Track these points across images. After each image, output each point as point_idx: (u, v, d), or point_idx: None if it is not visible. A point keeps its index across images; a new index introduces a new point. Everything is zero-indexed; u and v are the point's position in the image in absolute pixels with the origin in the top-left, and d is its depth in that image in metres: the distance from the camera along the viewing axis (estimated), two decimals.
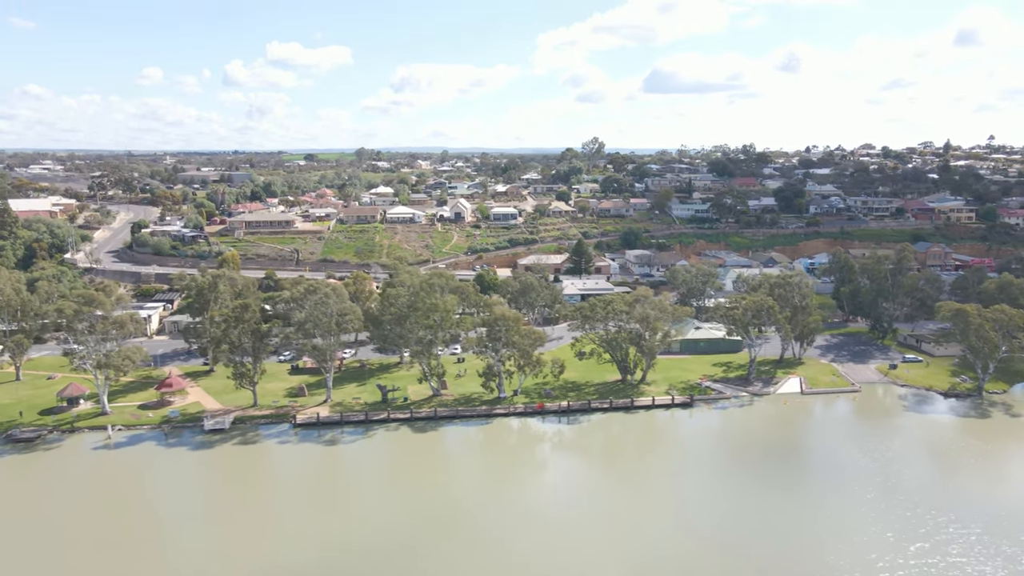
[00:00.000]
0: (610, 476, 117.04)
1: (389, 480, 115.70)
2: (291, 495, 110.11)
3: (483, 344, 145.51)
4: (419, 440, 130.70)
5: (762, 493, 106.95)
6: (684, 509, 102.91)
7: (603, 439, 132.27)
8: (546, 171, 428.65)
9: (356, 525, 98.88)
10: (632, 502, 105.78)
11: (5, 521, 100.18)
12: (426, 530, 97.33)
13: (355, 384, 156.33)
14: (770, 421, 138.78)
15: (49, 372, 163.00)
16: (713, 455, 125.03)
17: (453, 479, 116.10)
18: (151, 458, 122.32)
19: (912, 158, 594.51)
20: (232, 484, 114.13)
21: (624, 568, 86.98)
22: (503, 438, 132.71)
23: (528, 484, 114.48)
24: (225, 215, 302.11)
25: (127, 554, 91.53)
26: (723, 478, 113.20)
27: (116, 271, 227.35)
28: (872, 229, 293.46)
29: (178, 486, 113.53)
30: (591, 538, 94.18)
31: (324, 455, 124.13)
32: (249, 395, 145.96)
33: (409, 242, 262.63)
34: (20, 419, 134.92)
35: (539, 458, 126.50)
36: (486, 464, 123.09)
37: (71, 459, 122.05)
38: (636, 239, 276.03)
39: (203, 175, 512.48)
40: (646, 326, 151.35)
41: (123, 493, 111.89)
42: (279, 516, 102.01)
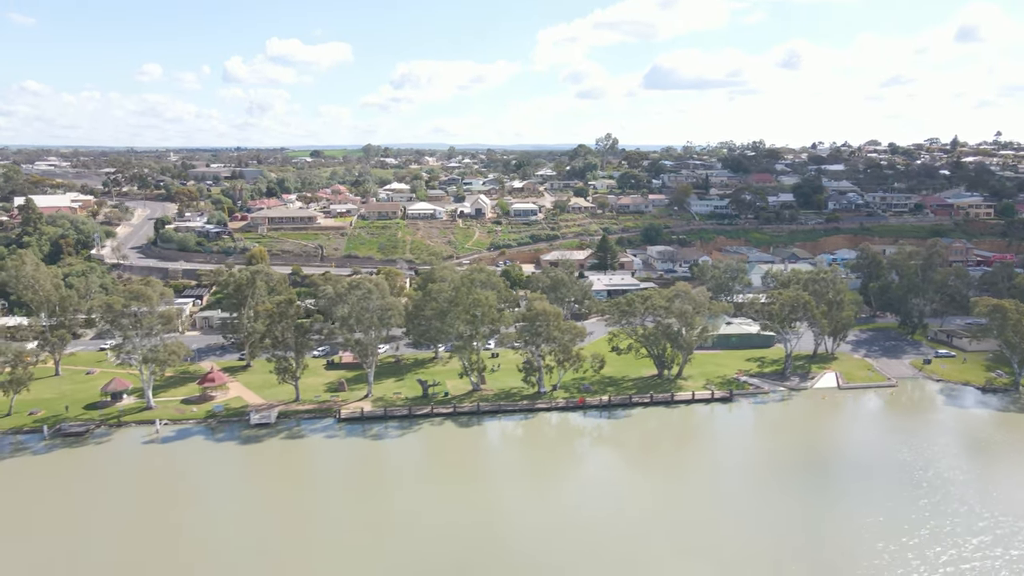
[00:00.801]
0: (657, 471, 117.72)
1: (437, 474, 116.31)
2: (341, 489, 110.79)
3: (523, 339, 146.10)
4: (464, 434, 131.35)
5: (811, 488, 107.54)
6: (733, 505, 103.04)
7: (647, 434, 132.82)
8: (560, 167, 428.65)
9: (404, 519, 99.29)
10: (680, 497, 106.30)
11: (63, 514, 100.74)
12: (474, 525, 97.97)
13: (393, 379, 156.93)
14: (811, 416, 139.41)
15: (86, 367, 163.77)
16: (759, 450, 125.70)
17: (500, 473, 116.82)
18: (201, 452, 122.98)
19: (920, 154, 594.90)
20: (282, 478, 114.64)
21: (680, 563, 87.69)
22: (547, 433, 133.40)
23: (575, 478, 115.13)
24: (243, 211, 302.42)
25: (184, 546, 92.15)
26: (771, 473, 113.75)
27: (143, 267, 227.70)
28: (891, 225, 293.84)
29: (230, 480, 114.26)
30: (640, 535, 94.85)
31: (371, 449, 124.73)
32: (289, 390, 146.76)
33: (431, 238, 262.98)
34: (66, 413, 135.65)
35: (585, 453, 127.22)
36: (532, 459, 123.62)
37: (122, 453, 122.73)
38: (657, 235, 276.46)
39: (214, 171, 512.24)
40: (684, 321, 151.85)
41: (176, 487, 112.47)
42: (329, 509, 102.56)
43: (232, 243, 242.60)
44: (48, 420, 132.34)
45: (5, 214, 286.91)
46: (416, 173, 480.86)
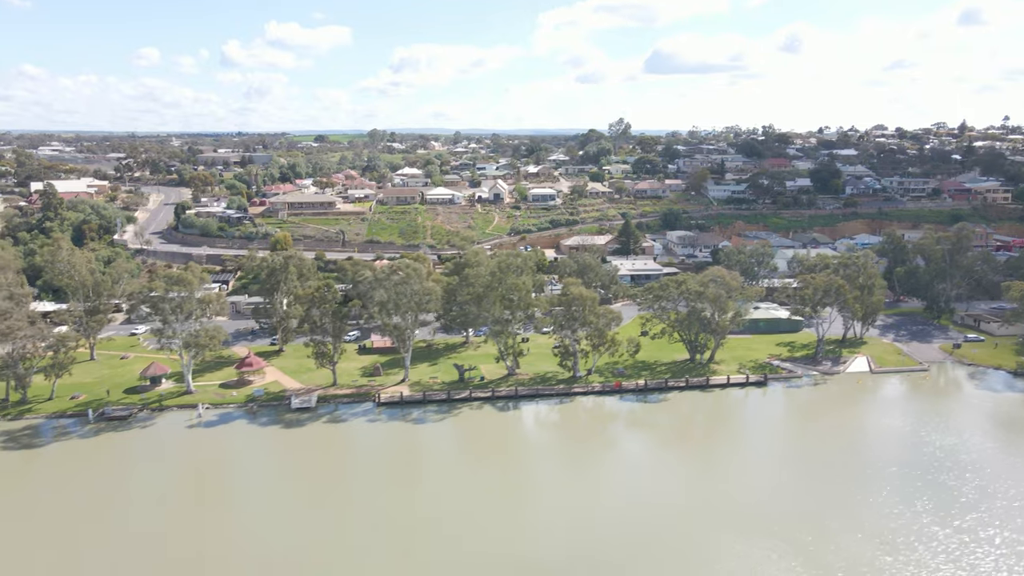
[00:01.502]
0: (701, 455, 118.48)
1: (480, 459, 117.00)
2: (385, 473, 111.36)
3: (559, 323, 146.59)
4: (504, 419, 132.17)
5: (855, 471, 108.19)
6: (777, 489, 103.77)
7: (686, 418, 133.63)
8: (572, 152, 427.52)
9: (448, 504, 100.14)
10: (725, 481, 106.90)
11: (117, 497, 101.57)
12: (522, 507, 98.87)
13: (427, 363, 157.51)
14: (848, 400, 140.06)
15: (120, 352, 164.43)
16: (800, 434, 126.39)
17: (541, 458, 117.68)
18: (245, 436, 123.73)
19: (929, 139, 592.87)
20: (327, 462, 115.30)
21: (730, 547, 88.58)
22: (586, 417, 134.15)
23: (618, 463, 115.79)
24: (260, 196, 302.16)
25: (235, 529, 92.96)
26: (814, 457, 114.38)
27: (166, 252, 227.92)
28: (909, 210, 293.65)
29: (277, 463, 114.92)
30: (689, 521, 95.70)
31: (412, 433, 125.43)
32: (324, 374, 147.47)
33: (451, 223, 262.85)
34: (108, 397, 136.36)
35: (626, 437, 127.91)
36: (573, 444, 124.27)
37: (168, 437, 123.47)
38: (676, 220, 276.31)
39: (223, 157, 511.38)
40: (717, 306, 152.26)
41: (224, 470, 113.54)
42: (373, 494, 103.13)
43: (254, 228, 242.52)
44: (91, 404, 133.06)
45: (23, 199, 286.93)
46: (425, 158, 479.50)
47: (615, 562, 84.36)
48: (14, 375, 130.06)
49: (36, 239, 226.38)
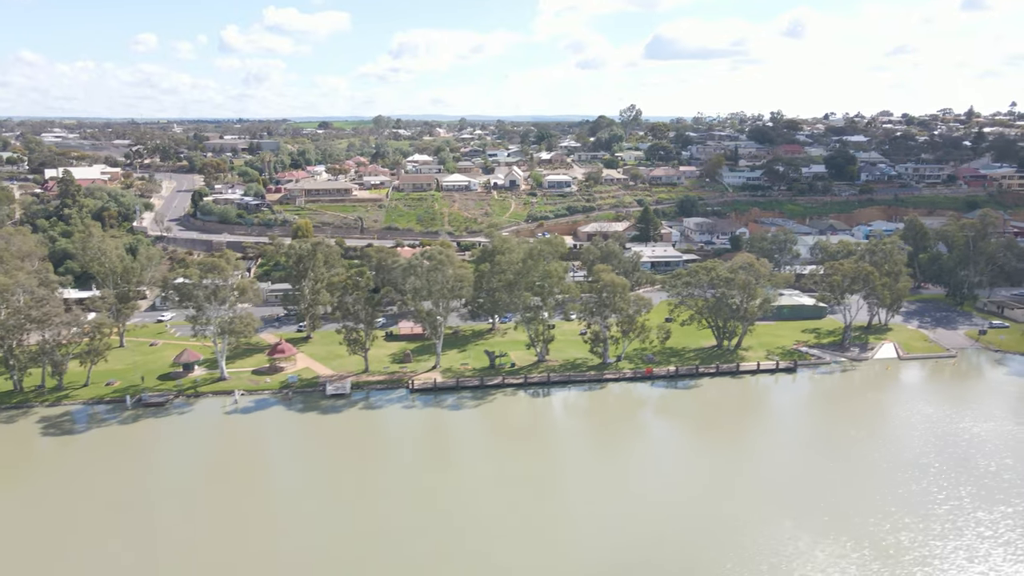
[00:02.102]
0: (739, 441, 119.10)
1: (518, 444, 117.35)
2: (424, 458, 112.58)
3: (590, 310, 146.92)
4: (538, 405, 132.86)
5: (896, 457, 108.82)
6: (817, 474, 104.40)
7: (720, 404, 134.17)
8: (583, 138, 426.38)
9: (488, 490, 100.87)
10: (768, 466, 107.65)
11: (160, 483, 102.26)
12: (560, 495, 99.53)
13: (455, 350, 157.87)
14: (879, 385, 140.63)
15: (147, 339, 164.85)
16: (836, 419, 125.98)
17: (580, 443, 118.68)
18: (283, 422, 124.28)
19: (937, 125, 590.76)
20: (366, 448, 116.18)
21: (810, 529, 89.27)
22: (619, 403, 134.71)
23: (656, 448, 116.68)
24: (274, 183, 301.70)
25: (283, 513, 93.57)
26: (851, 443, 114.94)
27: (186, 239, 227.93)
28: (925, 196, 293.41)
29: (316, 449, 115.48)
30: (739, 505, 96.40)
31: (448, 419, 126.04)
32: (354, 361, 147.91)
33: (468, 210, 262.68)
34: (143, 384, 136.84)
35: (662, 423, 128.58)
36: (609, 428, 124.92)
37: (206, 423, 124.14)
38: (692, 207, 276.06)
39: (231, 143, 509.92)
40: (746, 293, 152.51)
41: (264, 455, 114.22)
42: (414, 478, 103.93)
43: (272, 215, 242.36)
44: (128, 390, 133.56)
45: (37, 186, 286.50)
46: (431, 144, 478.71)
47: (658, 549, 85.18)
48: (51, 361, 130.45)
49: (56, 226, 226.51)
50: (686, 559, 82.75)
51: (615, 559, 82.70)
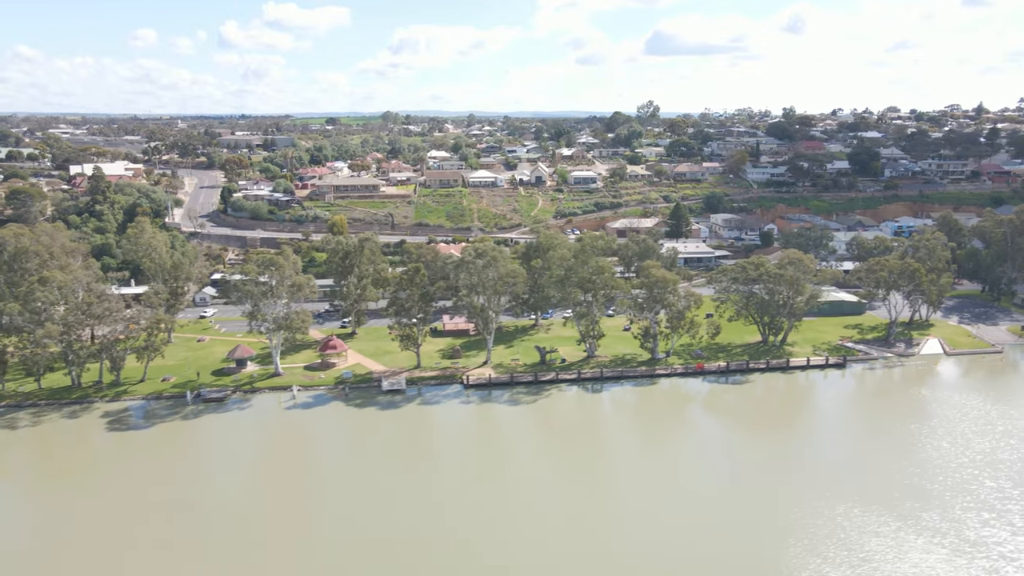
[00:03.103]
0: (811, 437, 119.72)
1: (580, 440, 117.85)
2: (487, 453, 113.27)
3: (640, 306, 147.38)
4: (595, 400, 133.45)
5: (969, 451, 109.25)
6: (903, 471, 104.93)
7: (775, 399, 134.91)
8: (601, 134, 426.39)
9: (552, 486, 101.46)
10: (846, 461, 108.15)
11: (228, 477, 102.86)
12: (627, 492, 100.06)
13: (502, 346, 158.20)
14: (933, 382, 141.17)
15: (191, 334, 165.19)
16: (900, 415, 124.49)
17: (646, 439, 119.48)
18: (343, 418, 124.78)
19: (947, 121, 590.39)
20: (430, 443, 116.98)
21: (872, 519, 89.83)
22: (676, 398, 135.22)
23: (724, 443, 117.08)
24: (296, 179, 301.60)
25: (356, 506, 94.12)
26: (922, 438, 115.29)
27: (220, 235, 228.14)
28: (950, 192, 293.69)
29: (380, 443, 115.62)
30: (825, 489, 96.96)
31: (508, 415, 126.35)
32: (404, 357, 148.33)
33: (497, 206, 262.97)
34: (198, 379, 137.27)
35: (724, 418, 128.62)
36: (672, 424, 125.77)
37: (268, 418, 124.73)
38: (719, 203, 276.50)
39: (245, 139, 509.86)
40: (794, 288, 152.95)
41: (329, 450, 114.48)
42: (478, 473, 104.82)
43: (303, 211, 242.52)
44: (185, 386, 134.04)
45: (63, 182, 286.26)
46: (446, 141, 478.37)
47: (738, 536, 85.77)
48: (109, 357, 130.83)
49: (88, 222, 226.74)
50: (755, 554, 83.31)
51: (685, 556, 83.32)
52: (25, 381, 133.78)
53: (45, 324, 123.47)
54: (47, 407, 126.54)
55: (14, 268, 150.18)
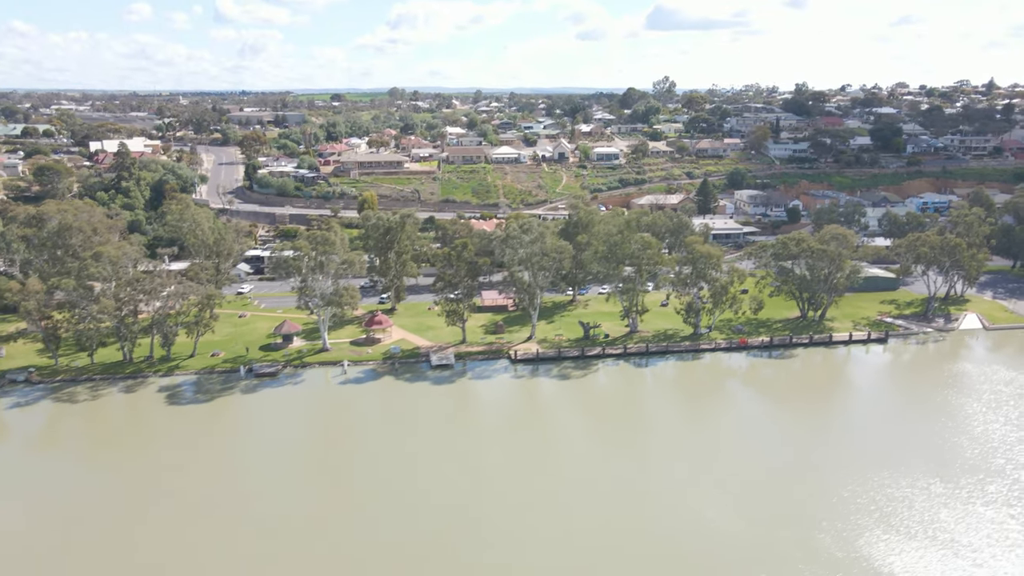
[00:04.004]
0: (874, 410, 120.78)
1: (637, 413, 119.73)
2: (538, 426, 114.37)
3: (683, 281, 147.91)
4: (643, 375, 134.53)
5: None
6: (958, 447, 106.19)
7: (824, 373, 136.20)
8: (618, 111, 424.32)
9: (613, 461, 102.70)
10: (923, 434, 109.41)
11: (291, 448, 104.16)
12: (694, 468, 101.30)
13: (543, 321, 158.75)
14: (978, 356, 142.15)
15: (232, 311, 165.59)
16: (957, 388, 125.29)
17: (705, 413, 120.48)
18: (396, 392, 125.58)
19: (958, 96, 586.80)
20: (484, 415, 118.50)
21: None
22: (722, 372, 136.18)
23: (785, 417, 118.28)
24: (317, 155, 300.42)
25: (418, 478, 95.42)
26: (985, 410, 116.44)
27: (248, 211, 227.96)
28: (973, 168, 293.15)
29: (436, 417, 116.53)
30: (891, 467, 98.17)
31: (560, 389, 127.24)
32: (448, 332, 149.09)
33: (521, 182, 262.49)
34: (247, 355, 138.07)
35: (777, 393, 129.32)
36: (723, 396, 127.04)
37: (322, 392, 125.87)
38: (742, 179, 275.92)
39: (256, 115, 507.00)
40: (835, 264, 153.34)
41: (387, 423, 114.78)
42: (529, 445, 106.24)
43: (329, 188, 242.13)
44: (235, 361, 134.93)
45: (84, 159, 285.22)
46: (455, 117, 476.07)
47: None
48: (162, 332, 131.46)
49: (116, 199, 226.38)
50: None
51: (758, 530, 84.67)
52: (77, 356, 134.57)
53: (100, 299, 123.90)
54: (102, 381, 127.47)
55: (58, 244, 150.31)
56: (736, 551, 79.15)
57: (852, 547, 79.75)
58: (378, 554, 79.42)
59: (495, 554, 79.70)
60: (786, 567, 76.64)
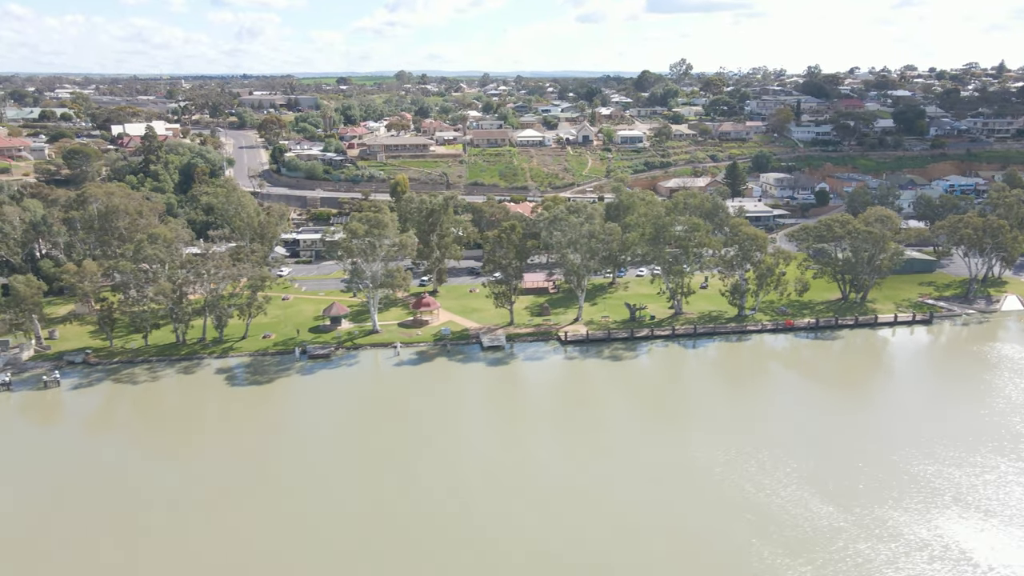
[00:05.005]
0: (925, 389, 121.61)
1: (699, 393, 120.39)
2: (596, 407, 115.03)
3: (729, 263, 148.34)
4: (694, 355, 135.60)
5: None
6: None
7: (877, 354, 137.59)
8: (636, 94, 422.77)
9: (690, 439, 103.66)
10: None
11: (362, 426, 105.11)
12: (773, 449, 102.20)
13: (586, 304, 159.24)
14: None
15: (274, 293, 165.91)
16: (1010, 369, 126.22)
17: (766, 390, 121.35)
18: (453, 372, 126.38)
19: (969, 79, 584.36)
20: (543, 396, 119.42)
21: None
22: (773, 353, 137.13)
23: (839, 394, 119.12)
24: (339, 139, 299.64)
25: (492, 458, 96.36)
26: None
27: (278, 195, 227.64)
28: (997, 151, 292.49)
29: (495, 397, 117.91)
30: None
31: (615, 370, 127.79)
32: (495, 314, 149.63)
33: (547, 165, 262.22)
34: (298, 336, 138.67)
35: (831, 372, 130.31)
36: (782, 376, 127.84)
37: (380, 373, 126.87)
38: (767, 162, 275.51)
39: (269, 99, 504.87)
40: (878, 246, 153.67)
41: (451, 403, 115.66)
42: (589, 424, 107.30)
43: (357, 171, 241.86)
44: (287, 343, 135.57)
45: (107, 143, 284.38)
46: (466, 100, 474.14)
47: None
48: (215, 314, 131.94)
49: (145, 183, 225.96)
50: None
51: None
52: (130, 338, 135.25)
53: (159, 281, 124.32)
54: (158, 363, 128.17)
55: (105, 228, 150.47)
56: (816, 527, 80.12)
57: (933, 524, 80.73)
58: (445, 540, 79.78)
59: (558, 541, 79.21)
60: (867, 543, 77.55)
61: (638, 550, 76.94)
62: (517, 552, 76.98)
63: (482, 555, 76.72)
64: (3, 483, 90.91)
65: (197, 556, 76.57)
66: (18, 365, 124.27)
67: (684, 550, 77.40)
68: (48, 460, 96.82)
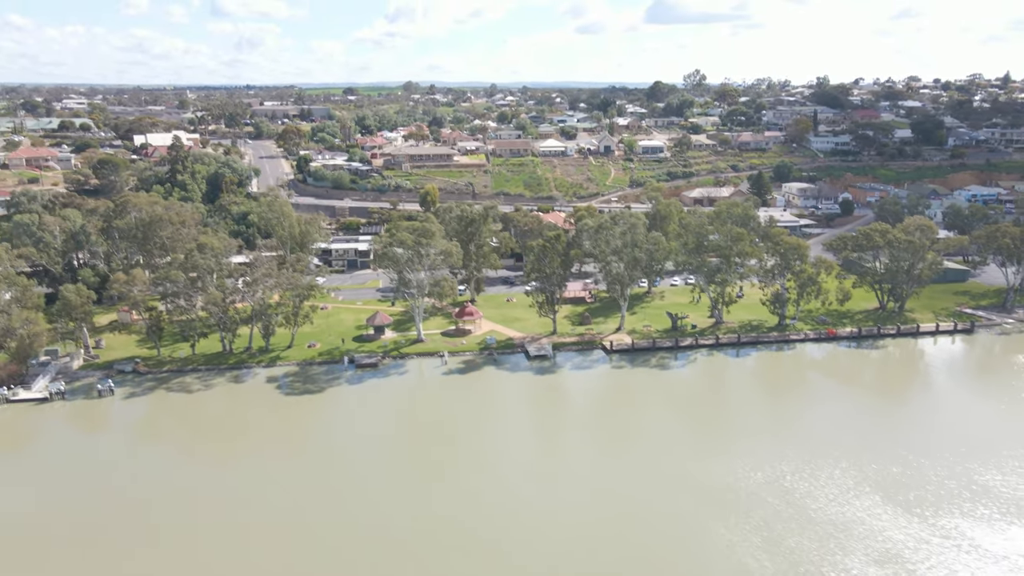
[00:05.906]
0: (987, 398, 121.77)
1: (753, 402, 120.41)
2: (651, 416, 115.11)
3: (771, 272, 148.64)
4: (741, 364, 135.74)
5: None
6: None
7: (926, 362, 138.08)
8: (650, 104, 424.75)
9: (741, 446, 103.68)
10: None
11: (424, 436, 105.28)
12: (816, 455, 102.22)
13: (627, 313, 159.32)
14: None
15: (314, 303, 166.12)
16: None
17: (819, 399, 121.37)
18: (503, 381, 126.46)
19: (975, 90, 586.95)
20: (594, 404, 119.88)
21: None
22: (819, 362, 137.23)
23: (893, 403, 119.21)
24: (359, 148, 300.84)
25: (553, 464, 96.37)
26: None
27: (307, 204, 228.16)
28: (1017, 161, 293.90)
29: (547, 407, 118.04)
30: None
31: (666, 379, 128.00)
32: (537, 323, 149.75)
33: (570, 175, 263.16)
34: (343, 346, 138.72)
35: (878, 380, 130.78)
36: (830, 384, 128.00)
37: (430, 382, 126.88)
38: (788, 172, 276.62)
39: (282, 110, 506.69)
40: (917, 255, 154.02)
41: (507, 412, 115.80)
42: (643, 434, 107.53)
43: (383, 181, 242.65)
44: (332, 352, 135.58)
45: (130, 152, 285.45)
46: (477, 111, 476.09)
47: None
48: (263, 323, 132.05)
49: (173, 192, 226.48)
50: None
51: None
52: (177, 347, 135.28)
53: (208, 290, 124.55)
54: (208, 372, 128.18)
55: (147, 236, 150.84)
56: (873, 530, 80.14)
57: (1009, 535, 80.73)
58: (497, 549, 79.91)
59: (606, 557, 79.92)
60: (923, 551, 77.55)
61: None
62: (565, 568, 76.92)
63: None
64: (63, 490, 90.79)
65: (245, 561, 76.49)
66: (69, 374, 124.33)
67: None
68: (109, 469, 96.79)
